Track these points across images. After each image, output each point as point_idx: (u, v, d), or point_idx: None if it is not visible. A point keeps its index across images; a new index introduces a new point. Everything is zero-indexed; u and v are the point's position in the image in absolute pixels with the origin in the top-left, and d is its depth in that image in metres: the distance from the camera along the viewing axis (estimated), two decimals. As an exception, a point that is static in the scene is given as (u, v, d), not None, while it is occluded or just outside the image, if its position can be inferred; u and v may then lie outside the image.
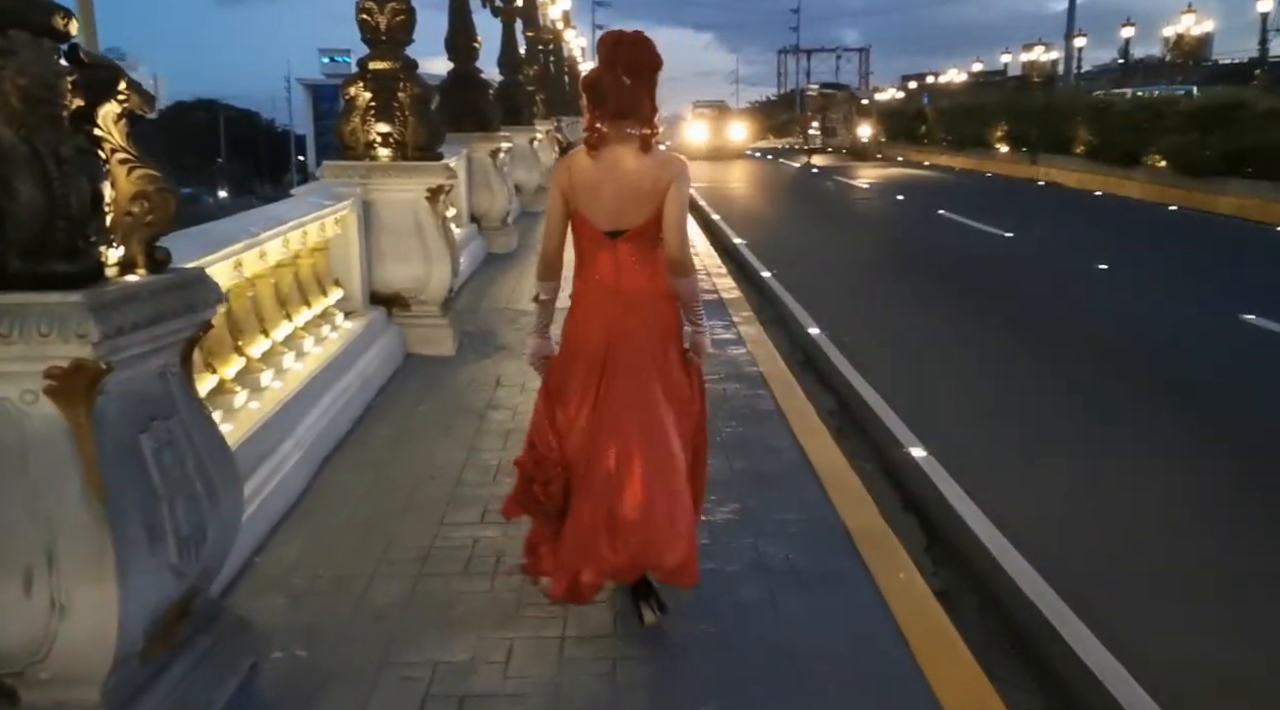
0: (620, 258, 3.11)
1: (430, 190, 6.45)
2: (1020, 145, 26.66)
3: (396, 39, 6.46)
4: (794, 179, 29.44)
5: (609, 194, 3.07)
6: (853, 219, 17.84)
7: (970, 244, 14.04)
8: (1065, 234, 15.13)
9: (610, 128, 3.06)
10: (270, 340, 4.66)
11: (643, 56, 3.08)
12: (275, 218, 4.74)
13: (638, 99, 3.05)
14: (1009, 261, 12.43)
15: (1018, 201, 19.96)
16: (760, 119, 56.21)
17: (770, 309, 9.17)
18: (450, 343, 6.59)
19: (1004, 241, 13.95)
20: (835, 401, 6.39)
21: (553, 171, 3.41)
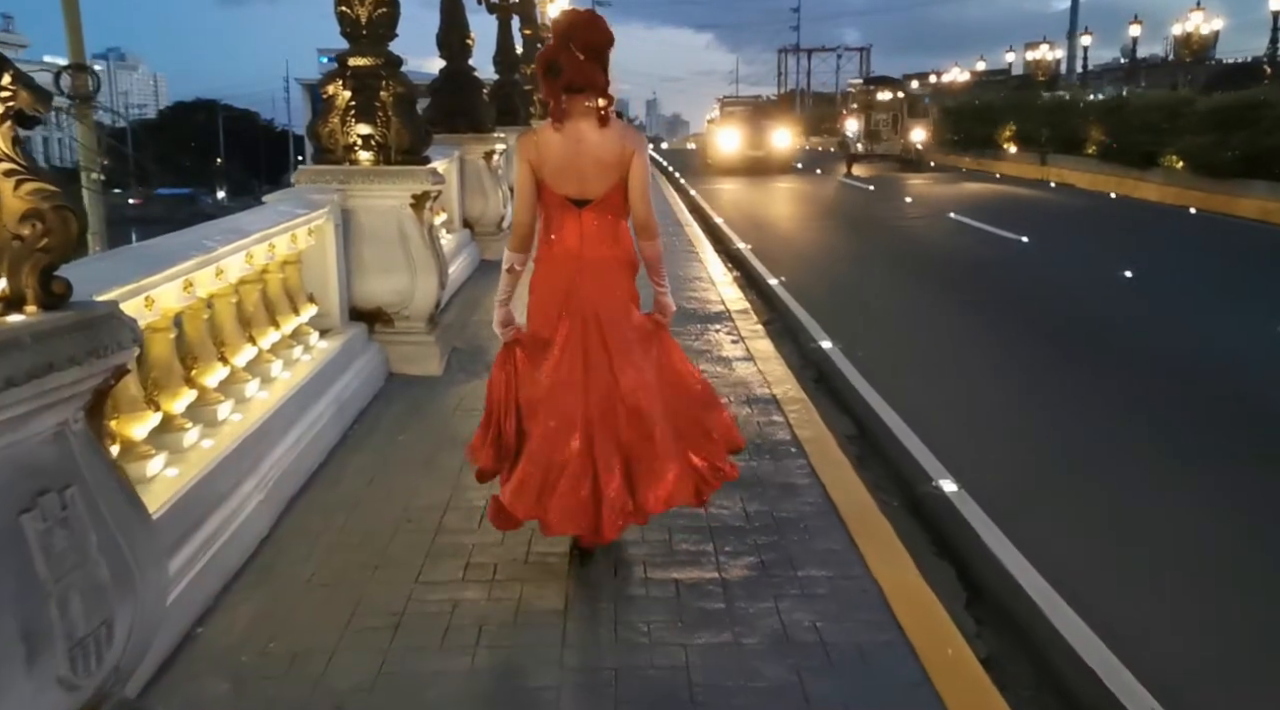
0: (585, 225, 3.35)
1: (415, 197, 5.96)
2: (1029, 145, 26.12)
3: (378, 33, 5.97)
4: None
5: (575, 165, 3.29)
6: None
7: (984, 249, 13.54)
8: (1083, 239, 14.62)
9: (571, 102, 3.26)
10: (230, 367, 4.17)
11: (597, 35, 3.28)
12: (237, 230, 4.25)
13: (594, 73, 3.25)
14: (1028, 268, 11.93)
15: (1030, 204, 19.44)
16: (803, 119, 41.19)
17: (780, 320, 8.69)
18: (437, 361, 6.10)
19: (1020, 247, 13.45)
20: (853, 424, 5.90)
21: (518, 145, 3.49)
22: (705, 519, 4.05)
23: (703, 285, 9.44)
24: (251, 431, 4.01)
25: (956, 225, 15.77)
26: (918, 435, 5.60)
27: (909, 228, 16.14)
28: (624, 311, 3.43)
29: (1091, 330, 8.40)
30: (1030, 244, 13.36)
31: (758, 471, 4.60)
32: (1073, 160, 23.24)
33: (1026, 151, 26.54)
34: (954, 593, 3.84)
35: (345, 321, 5.75)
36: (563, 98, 3.27)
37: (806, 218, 18.24)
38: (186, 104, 78.59)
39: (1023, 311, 9.28)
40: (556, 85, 3.28)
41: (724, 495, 4.28)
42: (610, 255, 3.38)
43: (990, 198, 20.86)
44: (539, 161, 3.33)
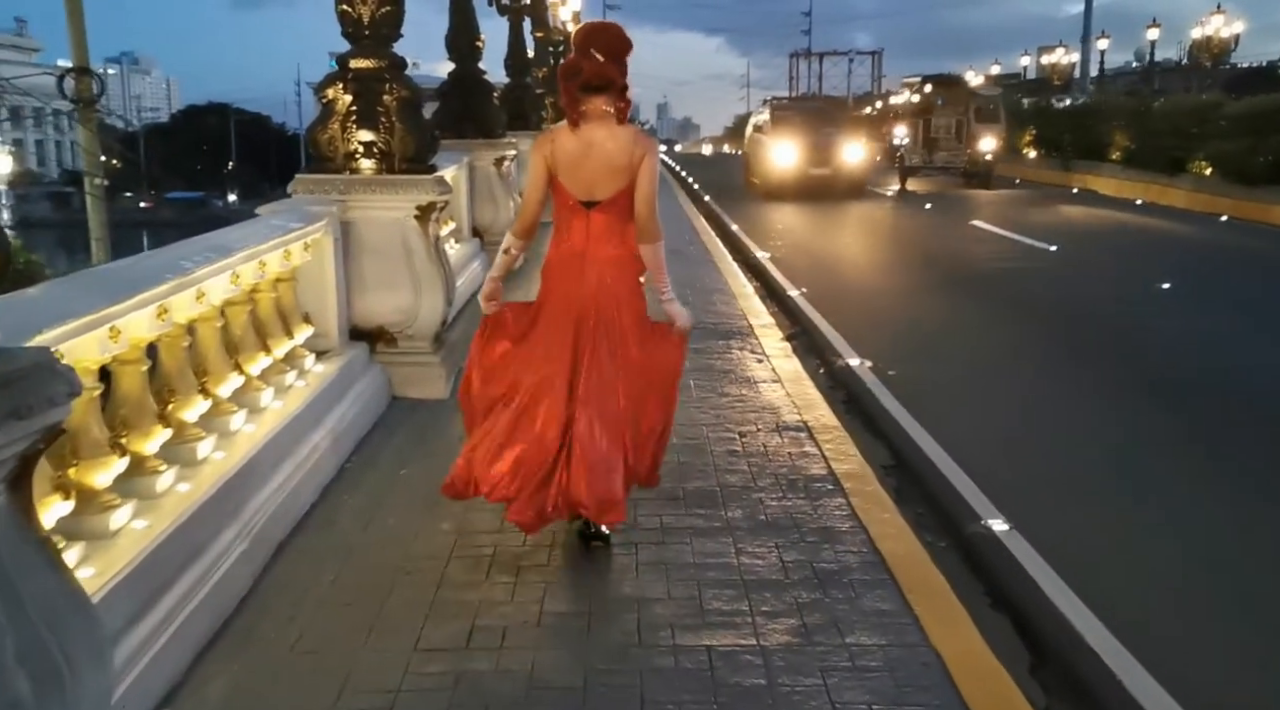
0: (593, 226, 3.50)
1: (420, 207, 5.57)
2: (1051, 151, 25.58)
3: (381, 34, 5.59)
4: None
5: (588, 167, 3.45)
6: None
7: (1010, 257, 13.08)
8: (1113, 248, 14.15)
9: (588, 104, 3.43)
10: (212, 399, 3.78)
11: (615, 40, 3.47)
12: (220, 247, 3.86)
13: (613, 73, 3.42)
14: (1058, 278, 11.48)
15: (1054, 212, 18.93)
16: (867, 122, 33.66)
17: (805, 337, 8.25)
18: (443, 383, 5.70)
19: (1048, 256, 13.00)
20: (889, 453, 5.48)
21: (535, 142, 3.62)
22: (738, 571, 3.64)
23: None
24: (235, 471, 3.62)
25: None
26: (960, 465, 5.18)
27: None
28: (621, 308, 3.57)
29: (1135, 346, 7.96)
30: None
31: (793, 512, 4.19)
32: (1096, 166, 22.69)
33: (1048, 158, 25.74)
34: (1015, 653, 3.42)
35: (344, 342, 5.36)
36: (580, 99, 3.43)
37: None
38: (198, 108, 78.67)
39: (1053, 324, 8.83)
40: (574, 86, 3.44)
41: (758, 541, 3.89)
42: (615, 254, 3.54)
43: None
44: (554, 161, 3.48)
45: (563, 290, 3.56)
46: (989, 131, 24.72)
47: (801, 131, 21.58)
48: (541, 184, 3.52)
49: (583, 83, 3.40)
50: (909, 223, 18.12)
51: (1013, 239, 14.42)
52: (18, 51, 67.12)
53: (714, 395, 5.87)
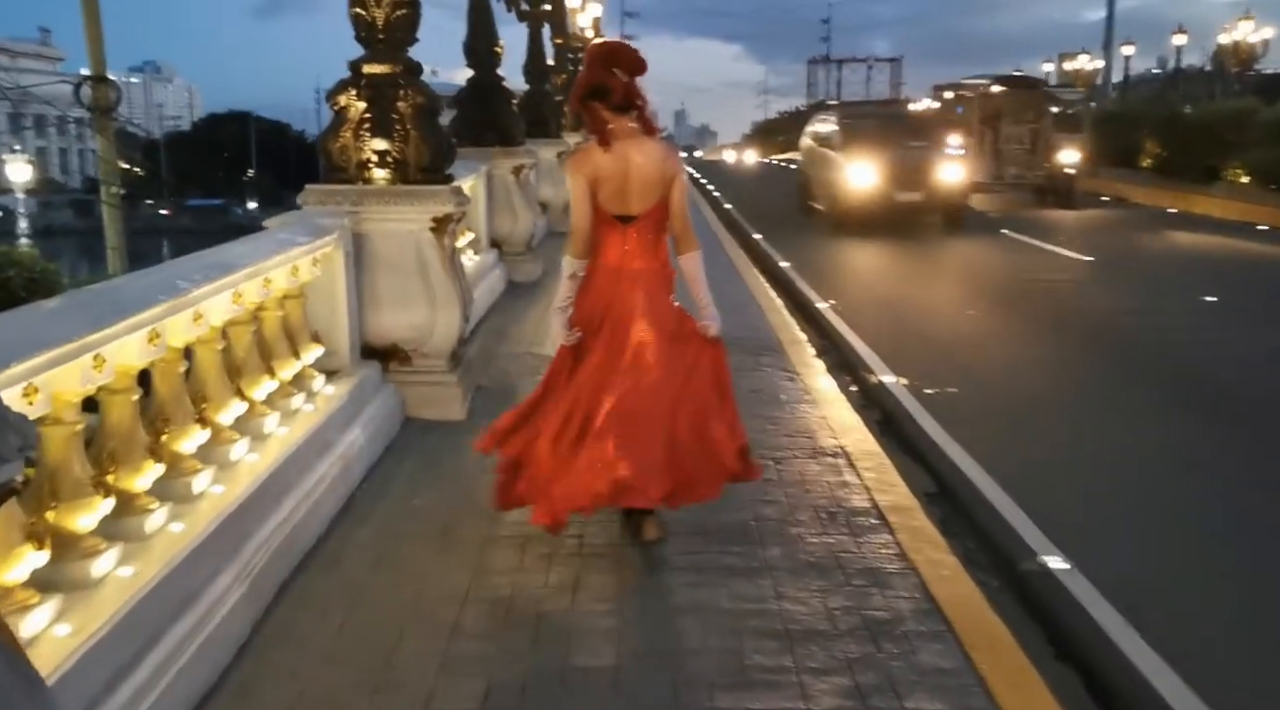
0: (629, 240, 3.64)
1: (436, 219, 5.29)
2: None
3: (397, 37, 5.32)
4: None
5: (624, 185, 3.57)
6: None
7: (1042, 267, 12.69)
8: (1149, 258, 13.74)
9: (617, 123, 3.56)
10: (212, 428, 3.51)
11: (636, 59, 3.61)
12: (221, 265, 3.59)
13: (637, 92, 3.58)
14: (1094, 290, 11.11)
15: (1084, 219, 18.47)
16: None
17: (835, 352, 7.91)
18: (459, 404, 5.42)
19: (1083, 266, 12.62)
20: (932, 480, 5.15)
21: (572, 158, 3.74)
22: (780, 618, 3.33)
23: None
24: (235, 507, 3.35)
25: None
26: (1010, 495, 4.85)
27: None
28: (660, 317, 3.68)
29: (1185, 361, 7.59)
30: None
31: (835, 550, 3.87)
32: (1126, 173, 22.16)
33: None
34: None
35: (356, 361, 5.09)
36: (610, 118, 3.56)
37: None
38: (219, 116, 79.04)
39: (1093, 338, 8.47)
40: (605, 105, 3.56)
41: (800, 583, 3.58)
42: (649, 267, 3.67)
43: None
44: (594, 177, 3.57)
45: (605, 304, 3.66)
46: (1070, 141, 20.30)
47: (882, 145, 15.97)
48: (588, 204, 3.59)
49: (616, 103, 3.55)
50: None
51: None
52: (42, 60, 67.71)
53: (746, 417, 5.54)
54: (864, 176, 15.75)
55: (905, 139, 16.75)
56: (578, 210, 3.61)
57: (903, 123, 18.80)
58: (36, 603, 2.48)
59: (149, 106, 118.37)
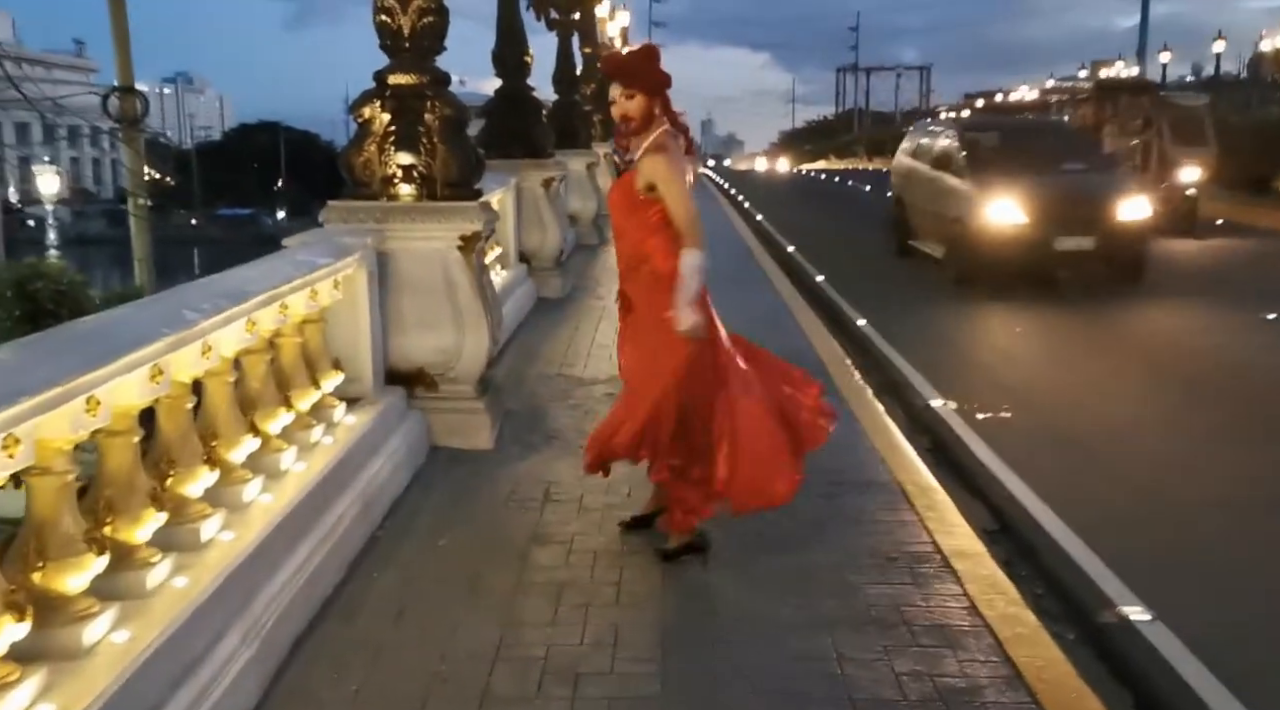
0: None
1: (464, 238, 5.02)
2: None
3: (423, 46, 5.06)
4: None
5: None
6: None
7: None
8: (1199, 272, 13.22)
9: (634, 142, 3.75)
10: (222, 468, 3.24)
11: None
12: (233, 293, 3.32)
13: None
14: (1146, 303, 10.66)
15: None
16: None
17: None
18: (487, 432, 5.13)
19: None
20: (990, 516, 4.80)
21: (674, 161, 3.67)
22: (844, 685, 3.00)
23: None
24: (246, 556, 3.07)
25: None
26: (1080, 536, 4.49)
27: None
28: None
29: (1260, 385, 7.17)
30: None
31: (899, 602, 3.53)
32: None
33: None
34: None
35: (379, 387, 4.81)
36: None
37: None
38: (249, 126, 79.76)
39: (1160, 361, 8.05)
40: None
41: (861, 641, 3.25)
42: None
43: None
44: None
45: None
46: (1191, 156, 15.88)
47: (1028, 169, 11.37)
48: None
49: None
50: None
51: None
52: (76, 72, 68.54)
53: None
54: (1007, 214, 10.79)
55: (1057, 159, 11.97)
56: (692, 205, 3.69)
57: (1049, 136, 14.28)
58: (16, 679, 2.20)
59: (181, 117, 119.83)
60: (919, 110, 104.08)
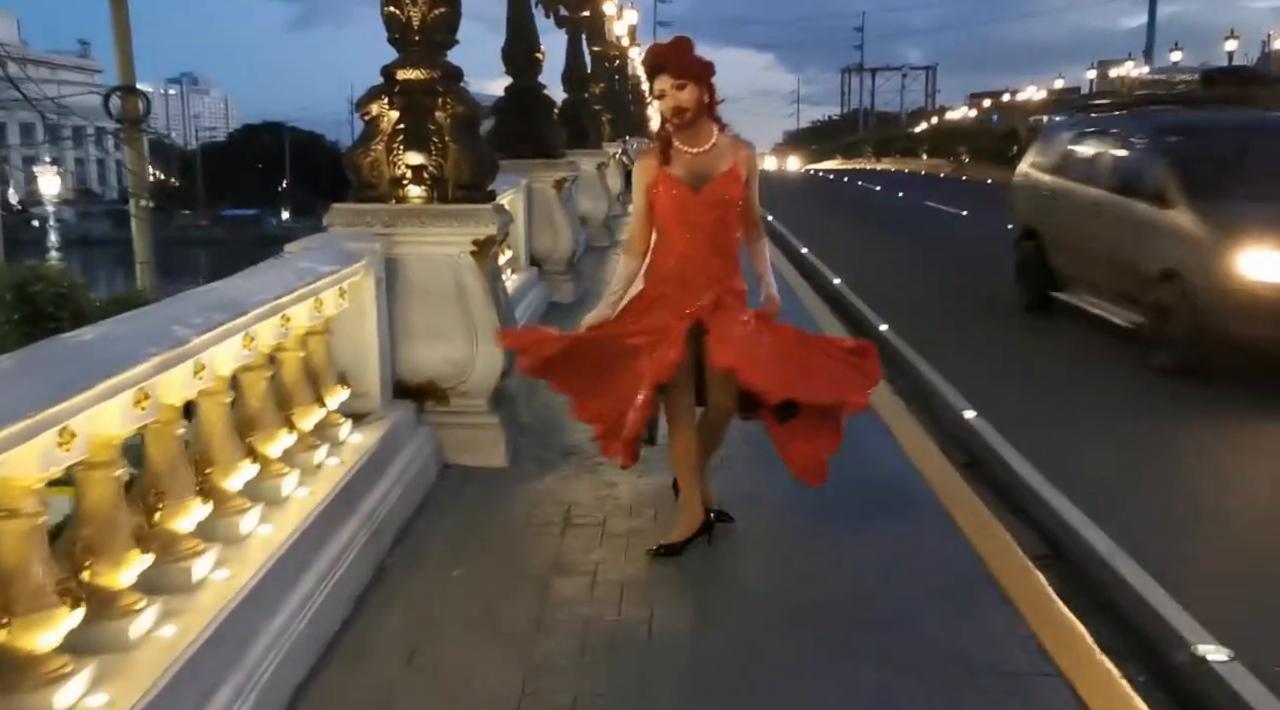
0: None
1: (477, 242, 4.73)
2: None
3: (434, 39, 4.77)
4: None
5: None
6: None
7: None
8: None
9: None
10: (216, 500, 2.95)
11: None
12: (231, 304, 3.03)
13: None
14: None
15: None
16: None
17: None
18: (502, 449, 4.84)
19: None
20: (1040, 539, 4.49)
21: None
22: (902, 743, 2.70)
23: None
24: (242, 597, 2.78)
25: None
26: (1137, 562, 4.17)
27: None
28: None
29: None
30: None
31: (955, 640, 3.23)
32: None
33: None
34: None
35: (388, 402, 4.52)
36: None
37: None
38: (254, 126, 79.74)
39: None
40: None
41: (922, 691, 2.94)
42: None
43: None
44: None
45: None
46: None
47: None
48: None
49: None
50: None
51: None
52: (81, 72, 68.45)
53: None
54: (1271, 268, 6.71)
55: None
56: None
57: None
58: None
59: (186, 117, 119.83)
60: (925, 110, 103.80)
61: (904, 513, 4.35)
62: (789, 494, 4.22)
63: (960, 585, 3.66)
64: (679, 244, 3.73)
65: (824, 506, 4.25)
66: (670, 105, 3.56)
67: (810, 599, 3.55)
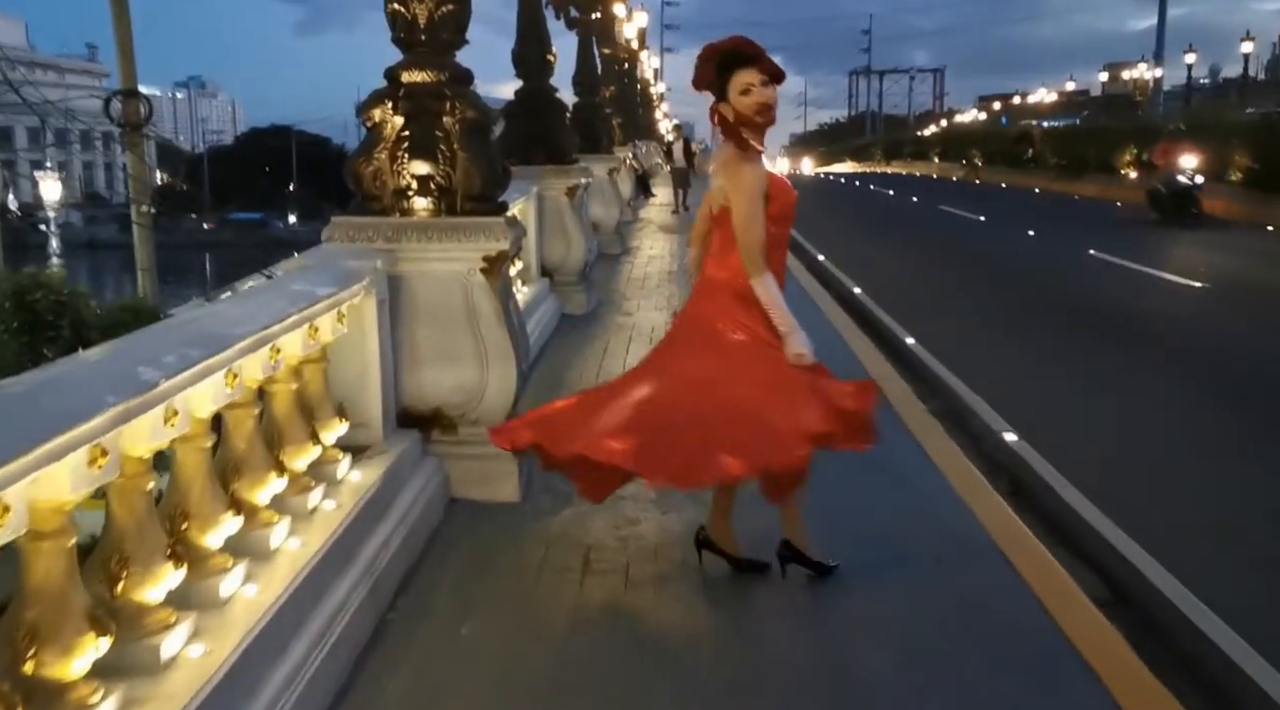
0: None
1: (488, 258, 4.36)
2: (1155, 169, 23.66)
3: (441, 39, 4.41)
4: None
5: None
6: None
7: (1149, 295, 11.53)
8: (1269, 282, 12.47)
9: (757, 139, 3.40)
10: (191, 563, 2.58)
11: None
12: (211, 338, 2.66)
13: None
14: (1216, 322, 9.93)
15: (1178, 238, 17.09)
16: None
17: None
18: (514, 482, 4.46)
19: (1196, 294, 11.42)
20: (1100, 581, 4.11)
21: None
22: None
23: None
24: (221, 676, 2.41)
25: None
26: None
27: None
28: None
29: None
30: None
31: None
32: (1213, 187, 20.76)
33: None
34: None
35: (391, 432, 4.16)
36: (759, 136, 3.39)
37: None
38: (261, 130, 79.66)
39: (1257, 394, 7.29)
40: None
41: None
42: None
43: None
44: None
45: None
46: None
47: None
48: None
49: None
50: None
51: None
52: (89, 77, 68.42)
53: (862, 492, 4.53)
54: None
55: None
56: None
57: None
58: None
59: (194, 121, 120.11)
60: (933, 113, 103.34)
61: (960, 557, 3.96)
62: (833, 537, 3.85)
63: (1030, 646, 3.28)
64: (775, 260, 3.47)
65: (874, 552, 3.88)
66: (760, 101, 3.31)
67: (862, 667, 3.17)
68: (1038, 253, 14.61)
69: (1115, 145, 26.16)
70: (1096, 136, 28.16)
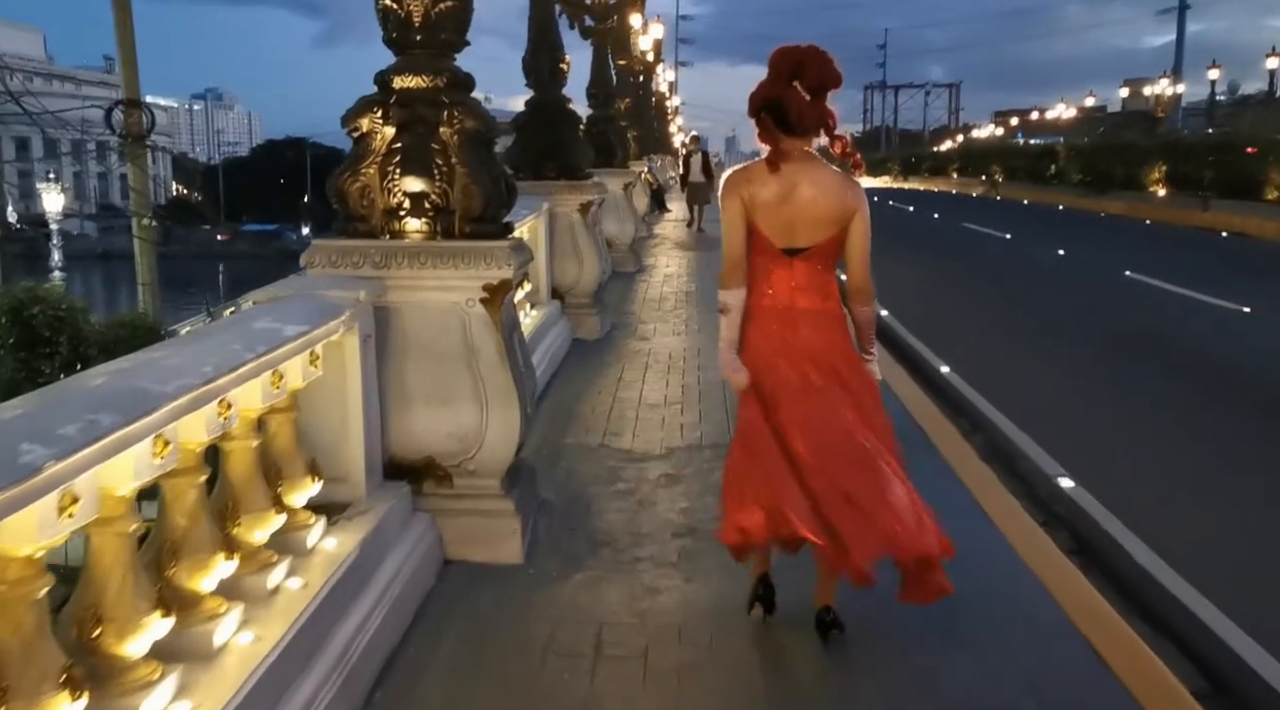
0: (796, 276, 3.18)
1: (489, 288, 3.83)
2: (1186, 187, 23.06)
3: (439, 40, 3.90)
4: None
5: (787, 213, 3.13)
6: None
7: (1188, 317, 10.93)
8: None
9: (789, 144, 3.11)
10: (83, 699, 2.05)
11: (829, 73, 3.10)
12: (131, 397, 2.14)
13: (823, 114, 3.11)
14: (1265, 348, 9.33)
15: (1214, 258, 16.41)
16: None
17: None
18: (517, 540, 3.92)
19: (1241, 319, 10.82)
20: (1191, 665, 3.54)
21: (728, 181, 3.26)
22: None
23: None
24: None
25: None
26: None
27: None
28: (842, 358, 3.22)
29: None
30: None
31: None
32: (1244, 206, 20.10)
33: (1181, 195, 22.61)
34: None
35: (376, 486, 3.63)
36: (780, 138, 3.10)
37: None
38: (277, 142, 79.77)
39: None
40: (783, 131, 3.10)
41: None
42: (823, 308, 3.20)
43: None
44: (751, 201, 3.14)
45: (776, 344, 3.19)
46: None
47: None
48: (742, 227, 3.15)
49: (792, 122, 3.07)
50: None
51: None
52: (105, 88, 68.59)
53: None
54: None
55: None
56: (731, 234, 3.17)
57: None
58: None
59: (210, 132, 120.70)
60: (948, 128, 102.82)
61: (1033, 636, 3.40)
62: (884, 617, 3.30)
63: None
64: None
65: (932, 627, 3.33)
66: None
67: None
68: (1071, 272, 14.00)
69: (1142, 161, 25.52)
70: (1121, 152, 27.50)
